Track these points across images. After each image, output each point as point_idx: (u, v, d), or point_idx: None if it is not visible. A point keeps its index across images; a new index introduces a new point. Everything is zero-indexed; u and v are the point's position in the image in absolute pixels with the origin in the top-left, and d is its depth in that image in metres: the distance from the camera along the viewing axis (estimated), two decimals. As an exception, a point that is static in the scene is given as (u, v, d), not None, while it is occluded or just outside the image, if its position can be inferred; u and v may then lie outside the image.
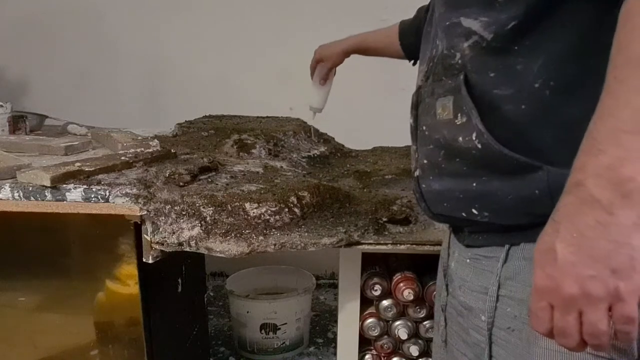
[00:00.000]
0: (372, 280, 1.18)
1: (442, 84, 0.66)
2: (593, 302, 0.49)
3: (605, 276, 0.48)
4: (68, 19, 2.34)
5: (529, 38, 0.58)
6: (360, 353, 1.24)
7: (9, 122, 1.53)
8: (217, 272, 2.40)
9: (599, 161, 0.48)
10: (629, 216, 0.47)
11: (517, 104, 0.59)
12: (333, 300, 2.25)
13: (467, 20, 0.62)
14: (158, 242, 1.02)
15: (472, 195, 0.64)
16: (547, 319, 0.53)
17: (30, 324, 1.19)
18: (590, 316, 0.50)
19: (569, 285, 0.50)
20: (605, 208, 0.47)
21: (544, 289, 0.52)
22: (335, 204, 1.15)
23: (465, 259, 0.71)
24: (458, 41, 0.63)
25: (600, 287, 0.48)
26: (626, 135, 0.47)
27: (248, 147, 1.46)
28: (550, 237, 0.51)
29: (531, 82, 0.58)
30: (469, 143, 0.62)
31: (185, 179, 1.15)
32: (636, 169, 0.47)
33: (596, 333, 0.50)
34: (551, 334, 0.54)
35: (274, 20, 2.27)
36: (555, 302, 0.52)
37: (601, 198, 0.48)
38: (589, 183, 0.49)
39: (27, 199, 1.05)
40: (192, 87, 2.31)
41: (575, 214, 0.49)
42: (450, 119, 0.64)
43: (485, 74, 0.61)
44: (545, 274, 0.52)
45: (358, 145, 1.72)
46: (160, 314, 1.21)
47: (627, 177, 0.47)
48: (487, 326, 0.66)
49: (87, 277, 1.15)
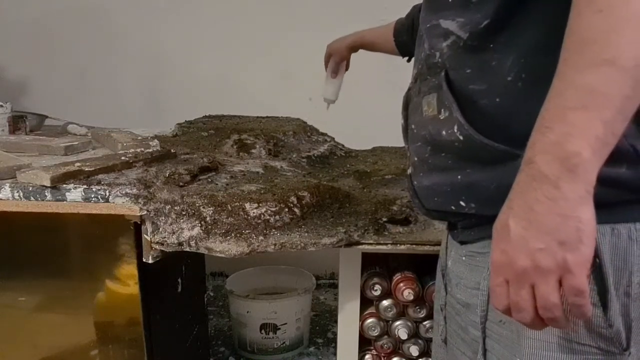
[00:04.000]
0: (372, 280, 1.18)
1: (427, 82, 0.69)
2: (543, 275, 0.51)
3: (553, 248, 0.50)
4: (68, 19, 2.34)
5: (502, 35, 0.60)
6: (360, 353, 1.24)
7: (9, 122, 1.53)
8: (217, 272, 2.40)
9: (547, 138, 0.50)
10: (575, 190, 0.49)
11: (492, 98, 0.61)
12: (333, 300, 2.25)
13: (445, 21, 0.64)
14: (158, 242, 1.02)
15: (459, 188, 0.66)
16: (504, 295, 0.54)
17: (30, 324, 1.19)
18: (541, 289, 0.51)
19: (521, 259, 0.51)
20: (552, 183, 0.49)
21: (499, 265, 0.54)
22: (335, 204, 1.15)
23: (462, 256, 0.71)
24: (437, 41, 0.66)
25: (549, 259, 0.50)
26: (571, 112, 0.49)
27: (248, 147, 1.46)
28: (505, 214, 0.53)
29: (504, 76, 0.60)
30: (452, 136, 0.64)
31: (185, 179, 1.15)
32: (581, 144, 0.48)
33: (548, 306, 0.52)
34: (509, 311, 0.55)
35: (274, 20, 2.27)
36: (510, 276, 0.53)
37: (549, 173, 0.49)
38: (537, 159, 0.50)
39: (27, 199, 1.05)
40: (192, 87, 2.31)
41: (526, 190, 0.51)
42: (435, 115, 0.67)
43: (462, 70, 0.64)
44: (500, 250, 0.54)
45: (358, 145, 1.72)
46: (160, 314, 1.21)
47: (572, 152, 0.48)
48: (480, 320, 0.67)
49: (87, 277, 1.15)
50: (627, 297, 0.59)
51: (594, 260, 0.57)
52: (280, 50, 2.26)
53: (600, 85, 0.48)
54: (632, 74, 0.48)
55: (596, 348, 0.60)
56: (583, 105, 0.48)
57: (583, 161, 0.48)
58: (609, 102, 0.48)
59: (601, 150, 0.49)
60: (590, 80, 0.48)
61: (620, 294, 0.59)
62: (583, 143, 0.48)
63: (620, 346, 0.60)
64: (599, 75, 0.48)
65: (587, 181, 0.49)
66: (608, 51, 0.48)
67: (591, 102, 0.48)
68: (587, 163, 0.48)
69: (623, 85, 0.48)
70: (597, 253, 0.57)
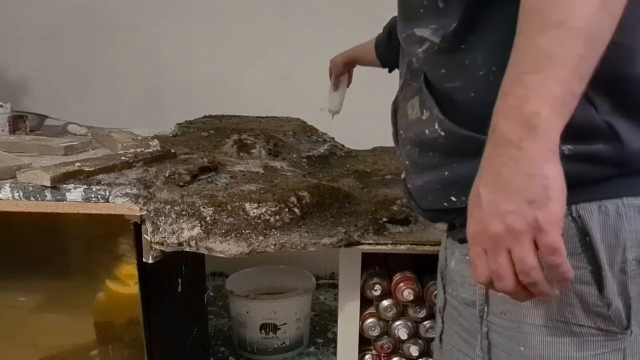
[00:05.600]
0: (372, 280, 1.18)
1: (410, 87, 0.73)
2: (517, 237, 0.51)
3: (523, 209, 0.50)
4: (68, 19, 2.34)
5: (472, 35, 0.63)
6: (360, 353, 1.24)
7: (9, 122, 1.53)
8: (217, 272, 2.40)
9: (506, 103, 0.52)
10: (538, 148, 0.50)
11: (467, 93, 0.63)
12: (333, 300, 2.25)
13: (419, 29, 0.68)
14: (158, 242, 1.02)
15: (448, 183, 0.67)
16: (484, 265, 0.54)
17: (31, 324, 1.19)
18: (517, 252, 0.51)
19: (494, 224, 0.52)
20: (515, 145, 0.50)
21: (474, 235, 0.54)
22: (335, 204, 1.15)
23: (464, 255, 0.71)
24: (414, 48, 0.69)
25: (520, 220, 0.50)
26: (527, 75, 0.51)
27: (248, 147, 1.46)
28: (476, 183, 0.54)
29: (477, 72, 0.62)
30: (434, 133, 0.66)
31: (185, 179, 1.15)
32: (539, 104, 0.50)
33: (525, 269, 0.51)
34: (491, 283, 0.55)
35: (274, 20, 2.27)
36: (486, 245, 0.54)
37: (511, 136, 0.51)
38: (500, 125, 0.52)
39: (27, 199, 1.05)
40: (192, 87, 2.31)
41: (492, 156, 0.53)
42: (418, 117, 0.70)
43: (438, 71, 0.67)
44: (474, 220, 0.54)
45: (358, 145, 1.72)
46: (160, 314, 1.21)
47: (531, 113, 0.50)
48: (483, 314, 0.67)
49: (87, 277, 1.15)
50: (623, 275, 0.59)
51: (583, 238, 0.58)
52: (281, 50, 2.26)
53: (551, 48, 0.50)
54: (581, 33, 0.49)
55: (596, 329, 0.60)
56: (538, 67, 0.50)
57: (543, 120, 0.49)
58: (562, 62, 0.49)
59: (561, 109, 0.50)
60: (542, 44, 0.50)
61: (616, 271, 0.59)
62: (541, 103, 0.50)
63: (621, 325, 0.60)
64: (549, 38, 0.50)
65: (549, 140, 0.50)
66: (556, 15, 0.50)
67: (545, 63, 0.50)
68: (547, 122, 0.50)
69: (574, 45, 0.49)
70: (586, 231, 0.58)
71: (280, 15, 2.27)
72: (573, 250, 0.59)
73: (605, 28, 0.50)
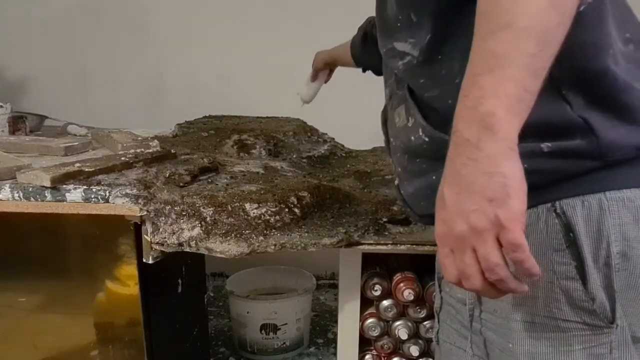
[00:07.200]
0: (372, 280, 1.18)
1: (396, 96, 0.76)
2: (479, 235, 0.51)
3: (484, 207, 0.51)
4: (68, 19, 2.34)
5: (446, 45, 0.65)
6: (360, 353, 1.24)
7: (9, 122, 1.53)
8: (217, 273, 2.40)
9: (464, 105, 0.53)
10: (496, 147, 0.51)
11: (445, 101, 0.64)
12: (333, 300, 2.25)
13: (399, 44, 0.70)
14: (158, 242, 1.02)
15: (436, 188, 0.69)
16: (452, 265, 0.55)
17: (31, 324, 1.19)
18: (481, 250, 0.52)
19: (458, 224, 0.53)
20: (474, 144, 0.51)
21: (441, 235, 0.55)
22: (335, 204, 1.15)
23: None
24: (395, 62, 0.72)
25: (482, 218, 0.51)
26: (480, 77, 0.52)
27: (248, 148, 1.46)
28: (441, 184, 0.55)
29: (453, 80, 0.63)
30: (419, 139, 0.69)
31: (185, 180, 1.15)
32: (493, 103, 0.51)
33: (490, 267, 0.52)
34: (460, 282, 0.55)
35: (274, 21, 2.27)
36: (452, 244, 0.54)
37: (469, 136, 0.52)
38: (459, 126, 0.53)
39: (27, 200, 1.05)
40: (192, 87, 2.31)
41: (453, 156, 0.54)
42: (405, 124, 0.72)
43: (417, 81, 0.69)
44: (440, 220, 0.55)
45: (358, 145, 1.72)
46: (160, 314, 1.21)
47: (486, 113, 0.51)
48: (473, 313, 0.69)
49: (87, 277, 1.15)
50: (608, 268, 0.59)
51: (568, 234, 0.59)
52: (281, 50, 2.25)
53: (500, 48, 0.51)
54: (530, 32, 0.50)
55: (582, 323, 0.61)
56: (489, 69, 0.51)
57: (498, 119, 0.50)
58: (512, 61, 0.50)
59: (517, 107, 0.51)
60: (492, 46, 0.52)
61: (600, 265, 0.59)
62: (495, 102, 0.51)
63: (606, 319, 0.60)
64: (498, 40, 0.51)
65: (506, 138, 0.51)
66: (504, 17, 0.51)
67: (495, 64, 0.51)
68: (502, 120, 0.50)
69: (524, 44, 0.50)
70: (570, 227, 0.59)
71: (280, 15, 2.27)
72: (558, 246, 0.60)
73: (556, 25, 0.51)
